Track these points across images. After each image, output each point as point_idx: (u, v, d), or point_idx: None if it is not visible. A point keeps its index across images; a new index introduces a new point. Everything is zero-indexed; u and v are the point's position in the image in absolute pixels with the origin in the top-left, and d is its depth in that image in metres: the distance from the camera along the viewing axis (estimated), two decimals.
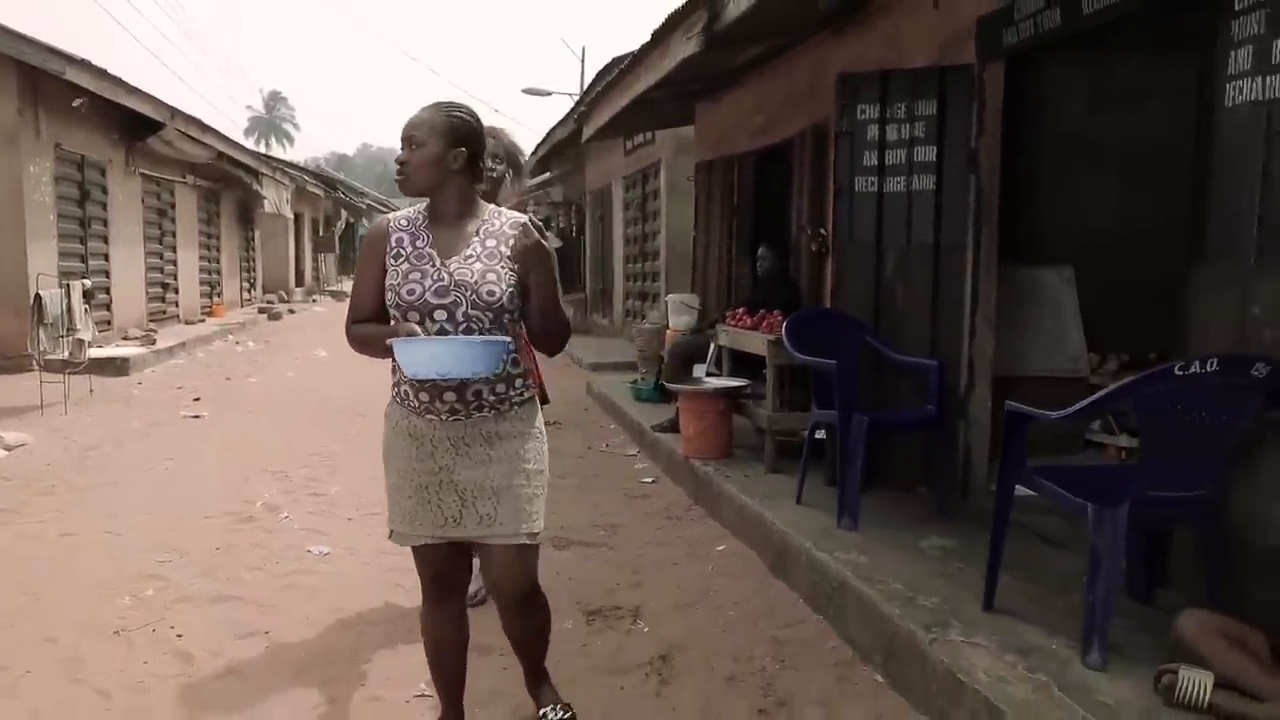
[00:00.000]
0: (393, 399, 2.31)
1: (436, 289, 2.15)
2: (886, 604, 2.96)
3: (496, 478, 2.22)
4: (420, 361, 2.02)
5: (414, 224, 2.26)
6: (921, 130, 4.17)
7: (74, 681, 2.95)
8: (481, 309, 2.16)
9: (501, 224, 2.26)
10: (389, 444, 2.30)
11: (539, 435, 2.32)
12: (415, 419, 2.23)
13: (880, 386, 4.31)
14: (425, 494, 2.23)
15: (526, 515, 2.25)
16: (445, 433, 2.21)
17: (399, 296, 2.15)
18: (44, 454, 6.24)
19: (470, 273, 2.17)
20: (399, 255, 2.21)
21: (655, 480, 5.64)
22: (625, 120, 8.17)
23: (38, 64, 9.04)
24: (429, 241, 2.22)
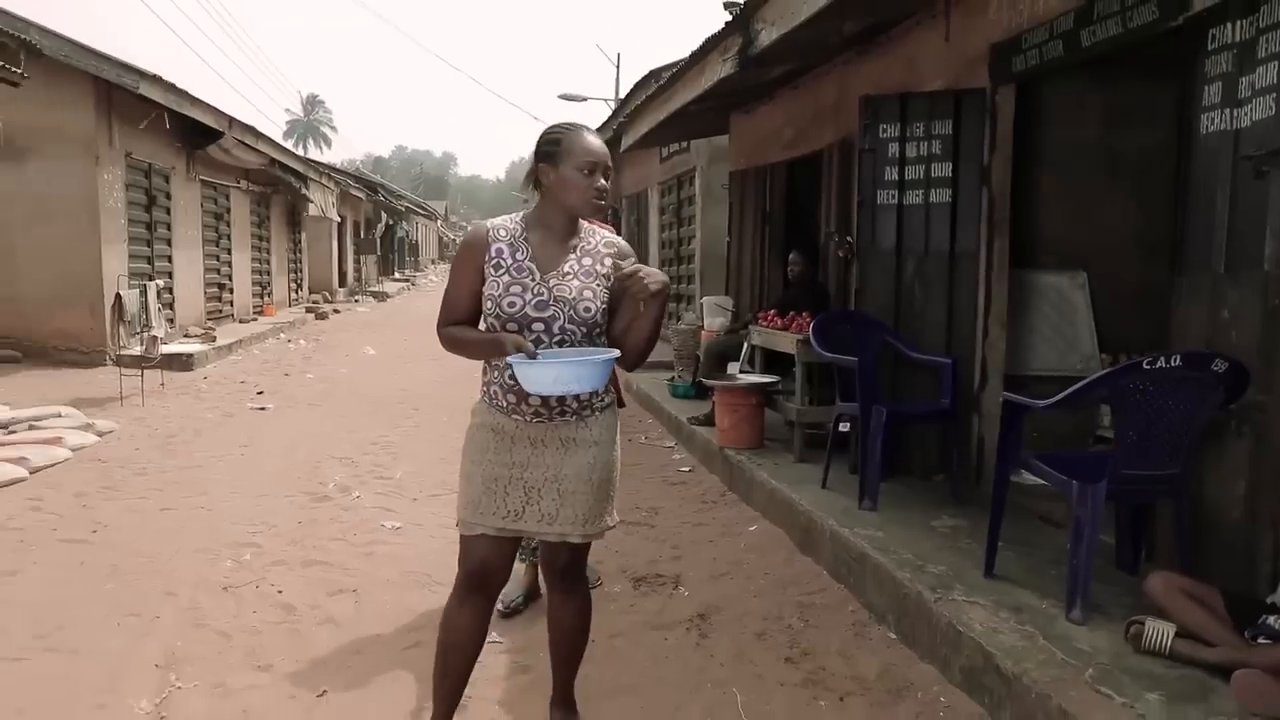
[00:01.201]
0: (482, 395, 2.41)
1: (536, 303, 2.24)
2: (899, 571, 3.37)
3: (564, 482, 2.31)
4: (542, 382, 2.12)
5: (512, 235, 2.32)
6: (938, 148, 4.56)
7: (197, 626, 3.45)
8: (577, 324, 2.26)
9: (596, 243, 2.36)
10: (471, 436, 2.39)
11: (613, 445, 2.40)
12: (500, 416, 2.33)
13: (899, 382, 4.71)
14: (494, 485, 2.31)
15: (584, 520, 2.34)
16: (526, 432, 2.31)
17: (499, 307, 2.23)
18: (131, 440, 6.81)
19: (568, 290, 2.26)
20: (499, 266, 2.28)
21: (691, 469, 6.07)
22: (663, 131, 8.62)
23: (113, 79, 9.68)
24: (528, 255, 2.29)
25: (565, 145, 2.27)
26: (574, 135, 2.29)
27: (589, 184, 2.27)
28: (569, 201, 2.28)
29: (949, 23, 4.66)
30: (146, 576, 3.98)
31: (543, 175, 2.31)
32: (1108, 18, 3.62)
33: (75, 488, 5.44)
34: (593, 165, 2.26)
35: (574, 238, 2.34)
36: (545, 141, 2.32)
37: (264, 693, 2.93)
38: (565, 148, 2.27)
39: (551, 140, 2.30)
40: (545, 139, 2.32)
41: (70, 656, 3.20)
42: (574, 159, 2.26)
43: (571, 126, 2.33)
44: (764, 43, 4.91)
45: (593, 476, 2.34)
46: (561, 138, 2.29)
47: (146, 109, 10.63)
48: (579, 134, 2.30)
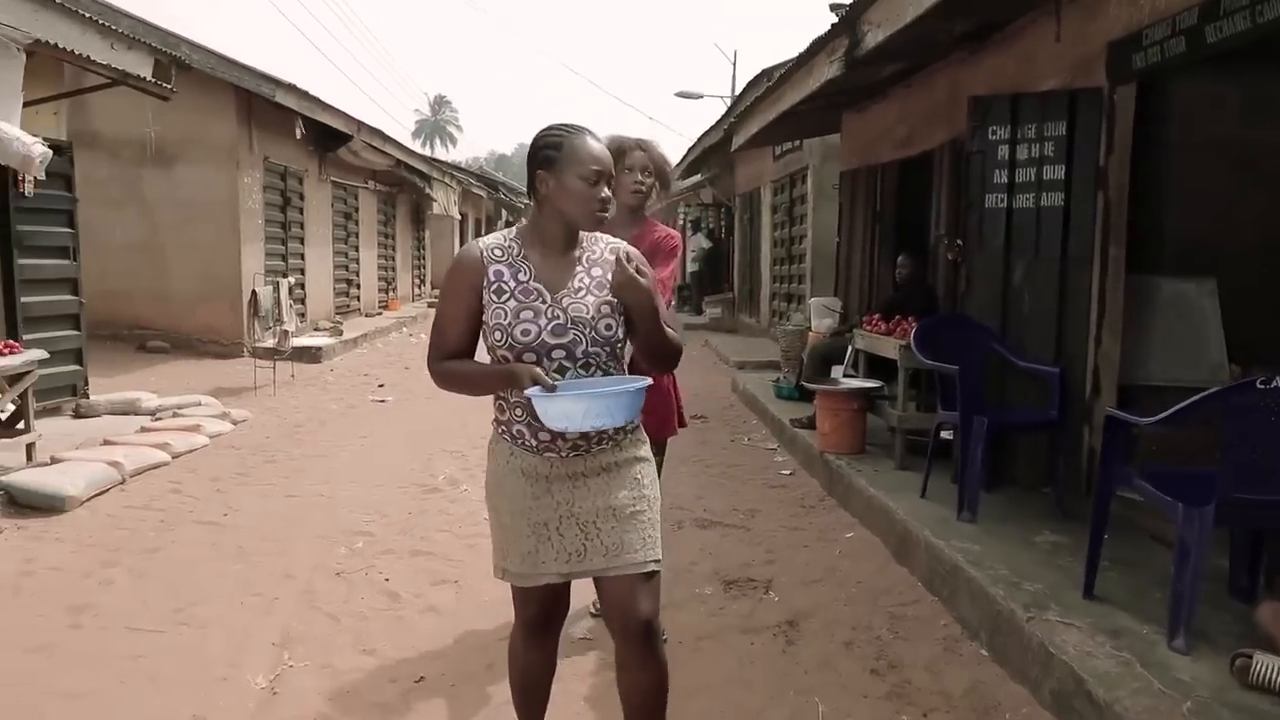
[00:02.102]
0: (498, 435, 2.17)
1: (553, 328, 2.03)
2: (993, 587, 3.30)
3: (620, 504, 2.11)
4: (570, 417, 1.91)
5: (509, 254, 2.09)
6: (1051, 150, 4.40)
7: (311, 608, 3.70)
8: (600, 345, 2.06)
9: (602, 251, 2.16)
10: (497, 483, 2.15)
11: (650, 459, 2.22)
12: (529, 456, 2.10)
13: (1006, 390, 4.58)
14: (545, 531, 2.10)
15: (652, 541, 2.14)
16: (563, 469, 2.09)
17: (511, 338, 2.01)
18: (262, 429, 7.29)
19: (585, 308, 2.06)
20: (502, 291, 2.05)
21: (792, 472, 6.05)
22: (774, 131, 8.58)
23: (252, 88, 10.35)
24: (532, 275, 2.07)
25: (566, 151, 2.04)
26: (576, 139, 2.05)
27: (593, 194, 2.04)
28: (570, 213, 2.06)
29: (1060, 22, 4.48)
30: (270, 559, 4.28)
31: (540, 184, 2.06)
32: (1235, 12, 3.42)
33: (211, 473, 5.88)
34: (597, 174, 2.03)
35: (576, 249, 2.13)
36: (543, 145, 2.07)
37: (367, 675, 3.13)
38: (566, 153, 2.03)
39: (550, 144, 2.06)
40: (543, 143, 2.07)
41: (200, 631, 3.49)
42: (576, 166, 2.03)
43: (573, 129, 2.08)
44: (871, 44, 4.84)
45: (645, 493, 2.16)
46: (562, 141, 2.05)
47: (282, 115, 11.29)
48: (581, 138, 2.06)
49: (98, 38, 6.56)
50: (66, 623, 3.56)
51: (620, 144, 3.07)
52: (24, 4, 5.76)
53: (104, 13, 9.40)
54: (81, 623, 3.56)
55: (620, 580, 2.11)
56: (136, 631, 3.48)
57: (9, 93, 4.93)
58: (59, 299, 7.17)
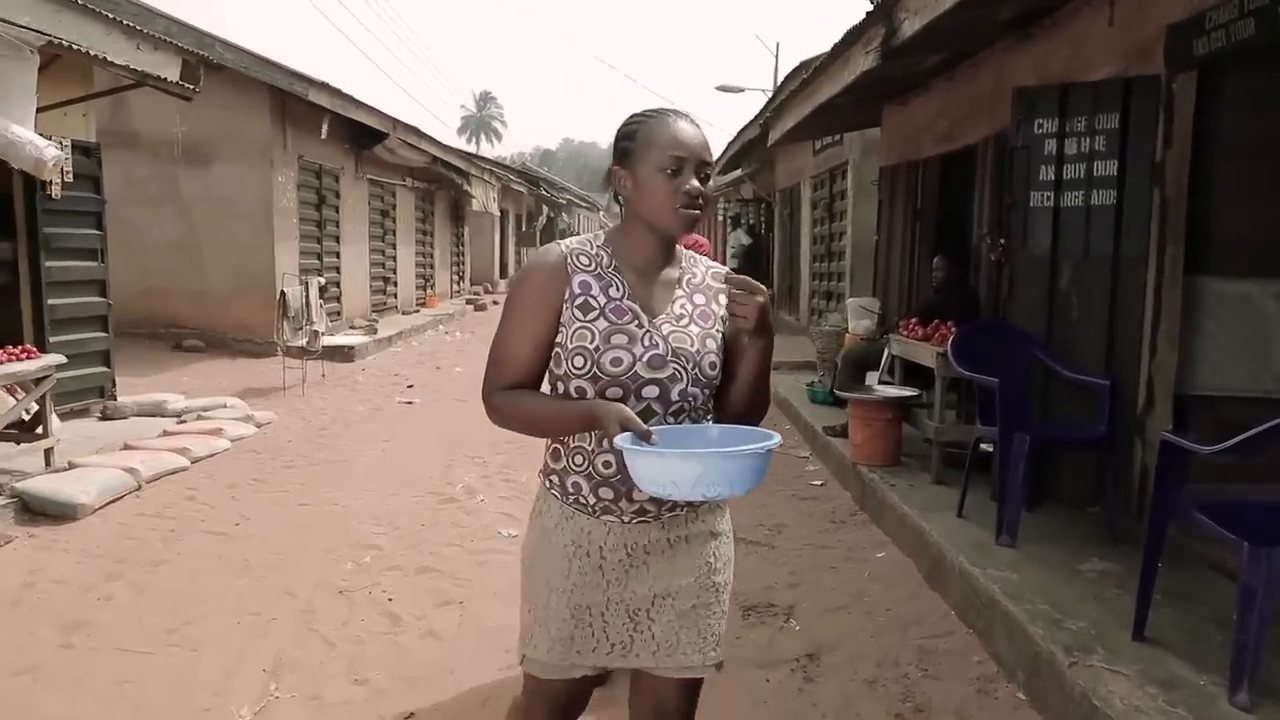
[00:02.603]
0: (547, 490, 1.79)
1: (650, 359, 1.65)
2: (1032, 625, 3.01)
3: (681, 594, 1.75)
4: (677, 481, 1.47)
5: (598, 264, 1.72)
6: (1102, 144, 4.08)
7: (308, 630, 3.55)
8: (700, 386, 1.70)
9: (703, 275, 1.80)
10: (538, 550, 1.78)
11: (729, 536, 1.85)
12: (584, 519, 1.73)
13: (1051, 402, 4.27)
14: (587, 616, 1.73)
15: (713, 640, 1.79)
16: (622, 538, 1.72)
17: (597, 367, 1.63)
18: (286, 432, 7.21)
19: (689, 339, 1.69)
20: (589, 308, 1.67)
21: (824, 483, 5.78)
22: (810, 125, 8.27)
23: (285, 87, 10.31)
24: (626, 292, 1.70)
25: (642, 138, 1.67)
26: (655, 122, 1.68)
27: (675, 187, 1.64)
28: (651, 215, 1.68)
29: (1113, 5, 4.14)
30: (274, 574, 4.14)
31: (619, 184, 1.71)
32: None
33: (229, 479, 5.79)
34: (679, 161, 1.64)
35: (675, 268, 1.77)
36: (619, 138, 1.72)
37: (355, 709, 2.95)
38: (642, 141, 1.67)
39: (626, 134, 1.71)
40: (620, 134, 1.72)
41: (191, 654, 3.35)
42: (654, 154, 1.65)
43: (656, 112, 1.72)
44: (908, 33, 4.55)
45: (716, 580, 1.79)
46: (638, 128, 1.69)
47: (317, 114, 11.25)
48: (663, 120, 1.68)
49: (123, 38, 6.50)
50: (58, 642, 3.45)
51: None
52: (47, 5, 5.71)
53: (140, 14, 9.43)
54: (74, 642, 3.45)
55: (664, 681, 1.79)
56: (127, 653, 3.35)
57: (22, 95, 4.86)
58: (87, 300, 7.15)
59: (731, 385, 1.75)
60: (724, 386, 1.76)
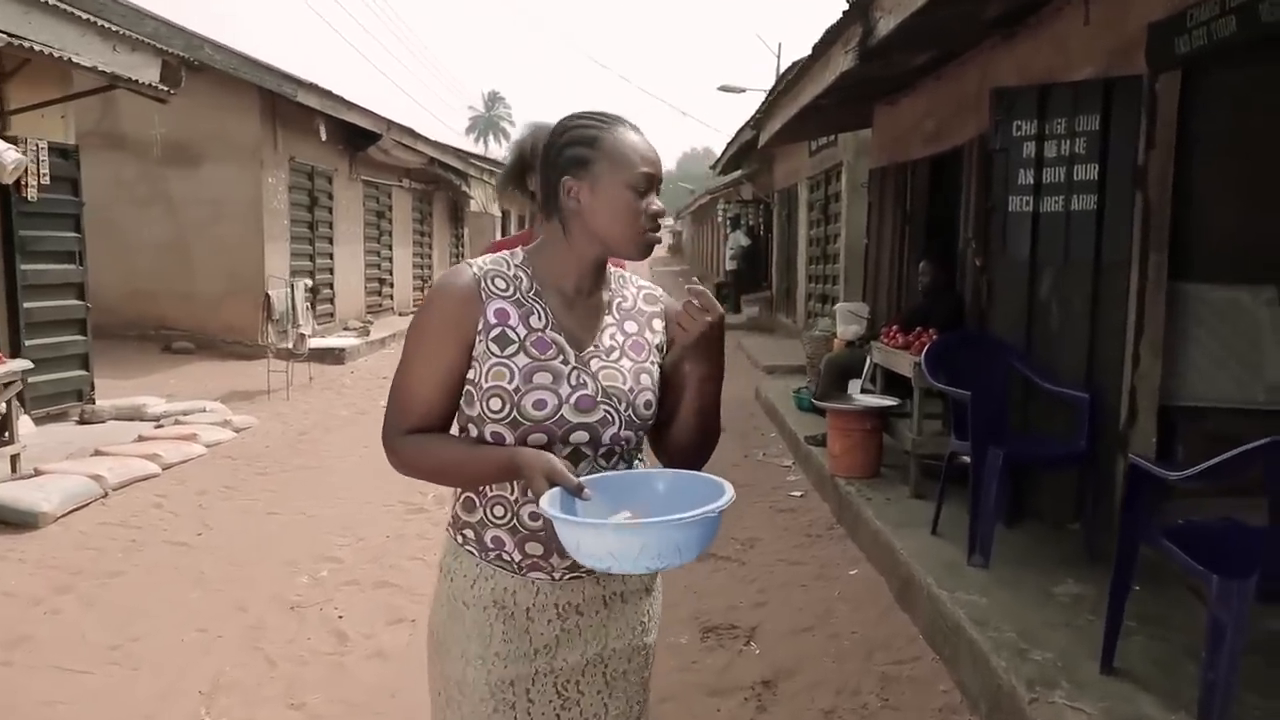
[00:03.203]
0: (459, 546, 1.52)
1: (578, 400, 1.44)
2: (995, 654, 2.87)
3: (613, 659, 1.54)
4: (621, 553, 1.26)
5: (517, 288, 1.48)
6: (1082, 147, 3.93)
7: (252, 649, 3.43)
8: (634, 428, 1.48)
9: (635, 298, 1.59)
10: (450, 620, 1.51)
11: (660, 591, 1.65)
12: (507, 578, 1.48)
13: (1030, 415, 4.13)
14: (510, 693, 1.47)
15: (639, 711, 1.61)
16: (552, 597, 1.49)
17: (518, 410, 1.40)
18: (265, 437, 7.11)
19: (620, 376, 1.48)
20: (505, 340, 1.43)
21: (804, 495, 5.64)
22: (800, 127, 8.12)
23: (274, 88, 10.23)
24: (549, 322, 1.47)
25: (607, 148, 1.43)
26: (619, 132, 1.45)
27: (643, 208, 1.44)
28: (611, 236, 1.45)
29: (1088, 4, 3.99)
30: (229, 587, 4.03)
31: (567, 195, 1.45)
32: None
33: (200, 485, 5.69)
34: (649, 179, 1.44)
35: (603, 290, 1.55)
36: (569, 143, 1.45)
37: None
38: (607, 151, 1.43)
39: (580, 139, 1.45)
40: (569, 139, 1.46)
41: (130, 673, 3.24)
42: (623, 170, 1.42)
43: (608, 118, 1.48)
44: (883, 32, 4.41)
45: (647, 641, 1.59)
46: (598, 136, 1.44)
47: (310, 115, 11.16)
48: (624, 130, 1.46)
49: (99, 40, 6.42)
50: None
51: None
52: (14, 5, 5.63)
53: (129, 15, 9.37)
54: (13, 659, 3.35)
55: None
56: (64, 672, 3.25)
57: None
58: (65, 304, 7.07)
59: (673, 423, 1.54)
60: (665, 423, 1.54)
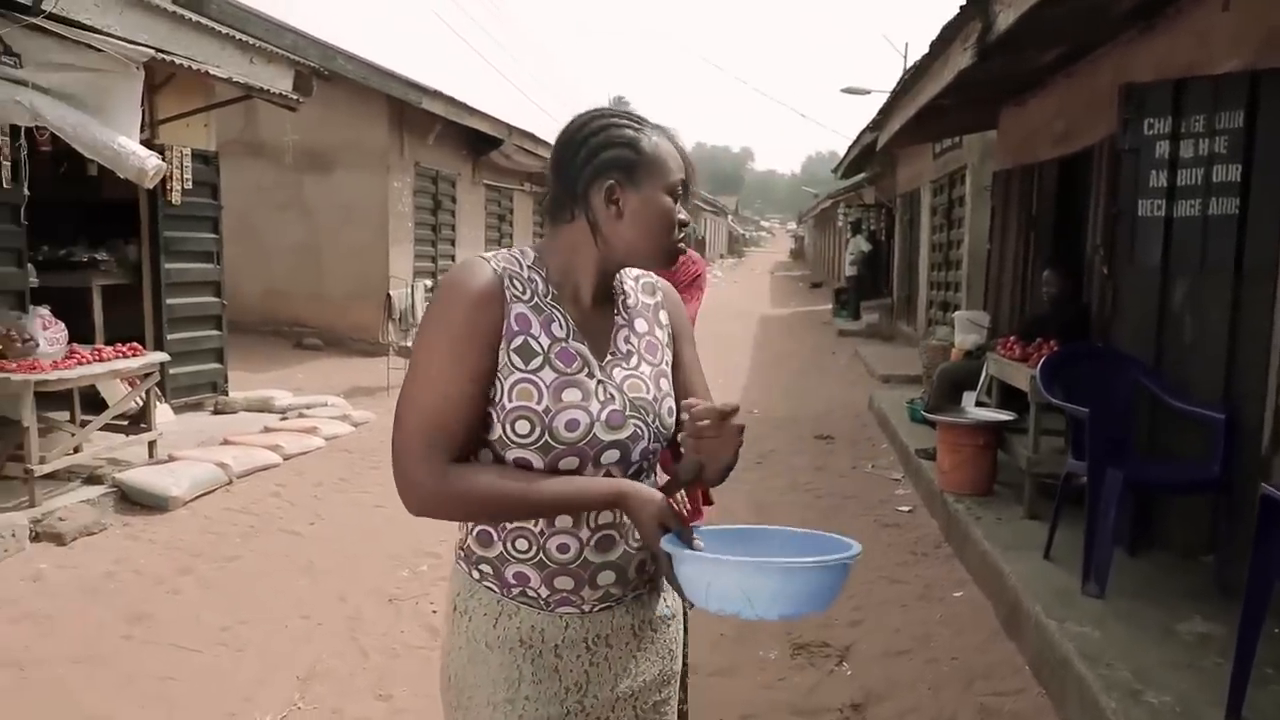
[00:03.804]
0: (475, 582, 1.39)
1: (609, 416, 1.32)
2: (1106, 693, 2.66)
3: (643, 691, 1.44)
4: (752, 595, 1.16)
5: (534, 292, 1.34)
6: (1223, 145, 3.61)
7: (349, 638, 3.54)
8: (660, 439, 1.40)
9: (636, 292, 1.48)
10: (472, 664, 1.37)
11: (682, 613, 1.54)
12: (533, 614, 1.36)
13: (1158, 435, 3.83)
14: None
15: None
16: (582, 632, 1.38)
17: (549, 434, 1.28)
18: (380, 432, 7.37)
19: (644, 385, 1.38)
20: (529, 352, 1.30)
21: (912, 510, 5.42)
22: (921, 128, 7.84)
23: (400, 95, 10.61)
24: (570, 330, 1.34)
25: (649, 154, 1.33)
26: (659, 138, 1.36)
27: (676, 218, 1.36)
28: (642, 245, 1.35)
29: None
30: (333, 577, 4.19)
31: (609, 198, 1.32)
32: None
33: (316, 477, 5.94)
34: (684, 185, 1.37)
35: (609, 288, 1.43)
36: (610, 143, 1.32)
37: None
38: (649, 158, 1.33)
39: (623, 141, 1.32)
40: (609, 139, 1.32)
41: (236, 654, 3.40)
42: (662, 177, 1.33)
43: (642, 121, 1.37)
44: (1003, 26, 4.17)
45: (675, 669, 1.51)
46: (640, 139, 1.33)
47: (433, 121, 11.54)
48: (664, 136, 1.37)
49: (237, 53, 6.80)
50: (121, 633, 3.58)
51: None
52: (162, 24, 6.02)
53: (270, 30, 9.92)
54: (134, 634, 3.57)
55: None
56: (178, 650, 3.44)
57: (128, 108, 5.12)
58: (203, 301, 7.52)
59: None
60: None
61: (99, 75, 5.05)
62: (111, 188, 6.53)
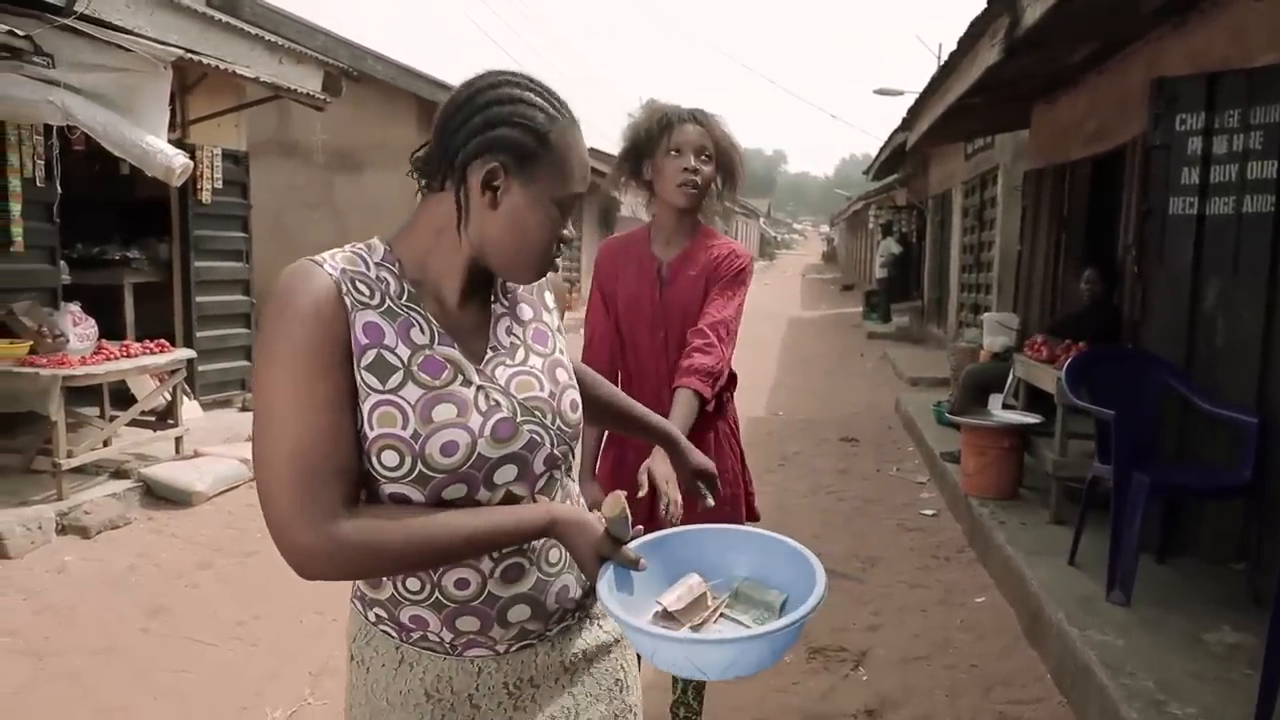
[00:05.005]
0: (371, 626, 1.22)
1: (495, 429, 1.12)
2: (1127, 703, 2.58)
3: None
4: (704, 666, 1.07)
5: (384, 293, 1.13)
6: (1259, 141, 3.51)
7: None
8: (567, 440, 1.21)
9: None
10: (373, 715, 1.21)
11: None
12: (439, 661, 1.17)
13: (1188, 439, 3.72)
14: None
15: None
16: (501, 676, 1.19)
17: (423, 462, 1.08)
18: None
19: (536, 380, 1.19)
20: (384, 366, 1.09)
21: (936, 514, 5.33)
22: (950, 127, 7.72)
23: (427, 96, 10.67)
24: (434, 334, 1.14)
25: (555, 149, 1.14)
26: (569, 134, 1.16)
27: (558, 233, 1.18)
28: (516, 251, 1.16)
29: None
30: None
31: (487, 179, 1.12)
32: None
33: None
34: (575, 201, 1.18)
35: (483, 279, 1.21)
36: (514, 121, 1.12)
37: None
38: (553, 153, 1.14)
39: (530, 125, 1.12)
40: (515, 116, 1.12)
41: (250, 648, 3.42)
42: (561, 182, 1.15)
43: (560, 108, 1.17)
44: (1030, 21, 4.08)
45: (630, 701, 1.32)
46: (548, 130, 1.13)
47: None
48: (574, 133, 1.16)
49: (266, 53, 6.87)
50: (140, 625, 3.61)
51: (666, 115, 2.20)
52: (192, 25, 6.10)
53: (302, 31, 10.03)
54: (151, 627, 3.60)
55: None
56: (194, 643, 3.46)
57: (156, 108, 5.18)
58: (232, 299, 7.61)
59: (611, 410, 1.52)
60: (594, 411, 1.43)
61: (128, 75, 5.12)
62: (144, 187, 6.62)
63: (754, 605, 1.18)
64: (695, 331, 2.17)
